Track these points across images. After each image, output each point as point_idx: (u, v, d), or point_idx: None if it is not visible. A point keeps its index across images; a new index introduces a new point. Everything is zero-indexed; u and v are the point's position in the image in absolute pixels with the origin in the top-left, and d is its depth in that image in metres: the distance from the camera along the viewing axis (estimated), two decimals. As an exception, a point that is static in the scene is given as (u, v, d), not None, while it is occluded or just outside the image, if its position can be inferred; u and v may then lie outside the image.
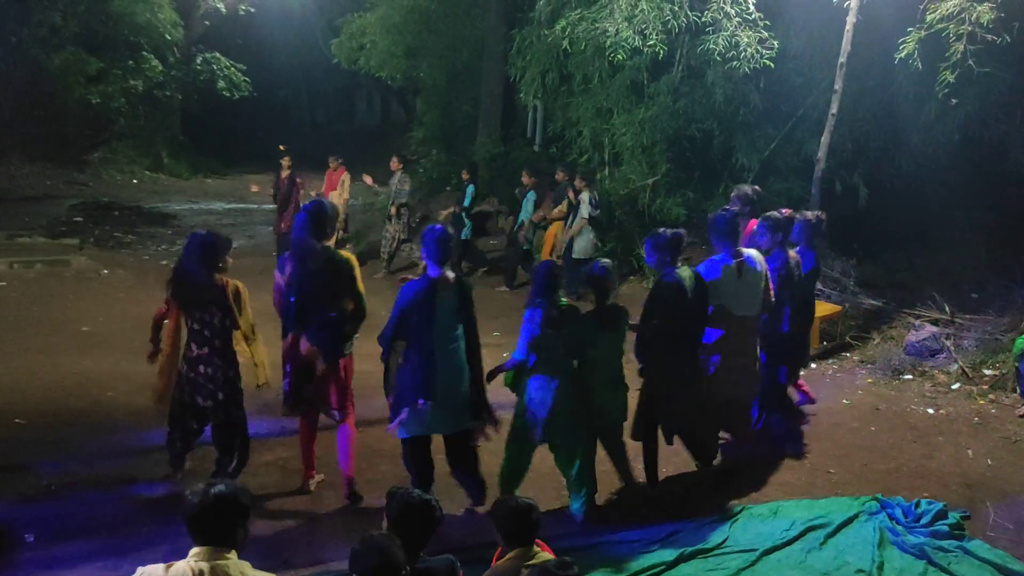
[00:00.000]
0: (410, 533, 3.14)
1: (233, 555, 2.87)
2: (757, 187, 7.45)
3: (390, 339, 4.83)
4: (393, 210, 11.94)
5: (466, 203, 12.02)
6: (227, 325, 5.09)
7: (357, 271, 5.10)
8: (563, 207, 10.92)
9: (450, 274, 4.85)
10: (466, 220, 12.00)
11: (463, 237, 11.89)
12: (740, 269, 5.62)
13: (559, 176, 11.37)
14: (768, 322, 5.96)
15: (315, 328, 5.02)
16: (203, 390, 5.11)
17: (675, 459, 5.89)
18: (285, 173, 11.63)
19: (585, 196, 10.41)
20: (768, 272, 5.84)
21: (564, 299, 5.15)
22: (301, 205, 11.28)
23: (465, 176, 12.25)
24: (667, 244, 5.41)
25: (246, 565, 2.89)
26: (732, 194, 7.14)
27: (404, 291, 4.83)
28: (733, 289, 5.60)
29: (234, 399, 5.22)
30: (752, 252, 5.78)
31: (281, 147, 11.86)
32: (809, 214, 6.80)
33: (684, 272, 5.37)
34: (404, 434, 4.95)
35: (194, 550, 2.85)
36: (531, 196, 11.47)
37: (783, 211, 6.55)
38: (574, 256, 10.36)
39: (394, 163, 12.08)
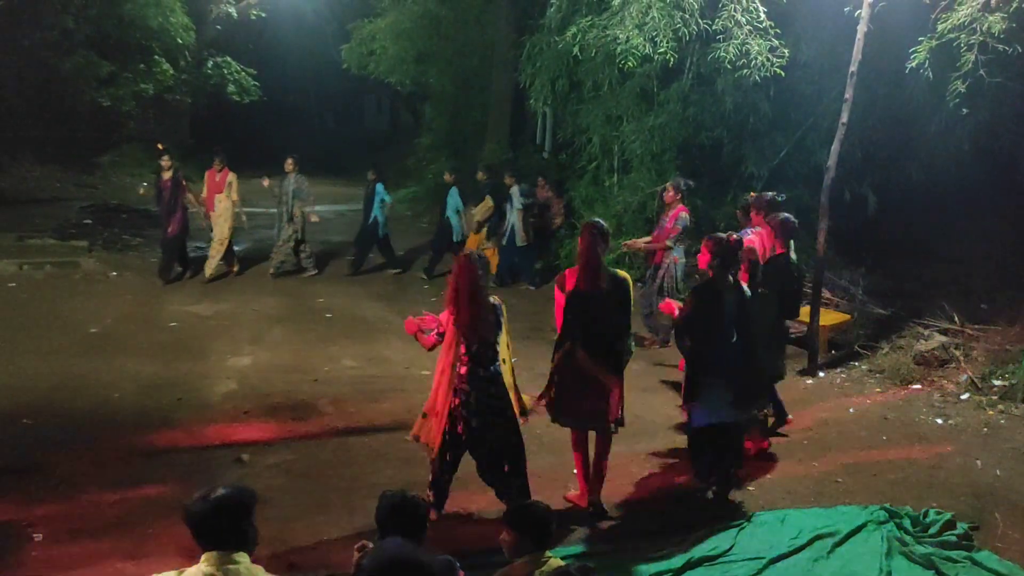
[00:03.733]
0: (403, 533, 3.11)
1: (244, 558, 2.82)
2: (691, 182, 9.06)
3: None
4: (296, 212, 11.46)
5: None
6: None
7: (632, 290, 5.25)
8: (487, 204, 11.66)
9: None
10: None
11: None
12: None
13: (480, 176, 12.13)
14: None
15: (593, 343, 5.15)
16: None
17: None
18: (167, 175, 10.92)
19: (515, 190, 11.55)
20: None
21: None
22: (187, 206, 10.98)
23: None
24: None
25: (259, 569, 2.85)
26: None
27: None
28: None
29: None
30: None
31: (160, 146, 11.38)
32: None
33: None
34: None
35: (204, 556, 2.81)
36: (453, 191, 12.16)
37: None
38: (517, 244, 11.64)
39: (288, 164, 11.60)
